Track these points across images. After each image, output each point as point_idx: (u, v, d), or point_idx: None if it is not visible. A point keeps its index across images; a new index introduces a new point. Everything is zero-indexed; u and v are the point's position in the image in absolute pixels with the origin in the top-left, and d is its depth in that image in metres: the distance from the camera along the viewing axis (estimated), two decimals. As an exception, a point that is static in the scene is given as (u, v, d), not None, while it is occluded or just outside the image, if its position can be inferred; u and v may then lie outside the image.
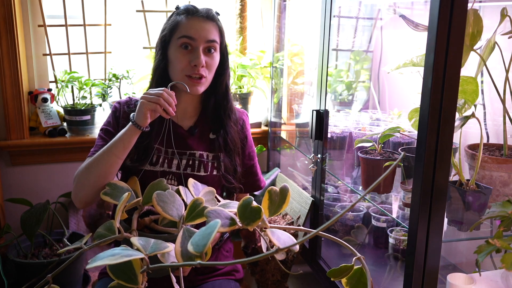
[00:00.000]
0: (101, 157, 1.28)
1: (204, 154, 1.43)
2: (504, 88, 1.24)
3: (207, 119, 1.47)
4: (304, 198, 1.77)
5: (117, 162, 1.29)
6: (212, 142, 1.45)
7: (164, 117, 1.27)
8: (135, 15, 2.28)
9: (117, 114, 1.43)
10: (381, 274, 1.69)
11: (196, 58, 1.33)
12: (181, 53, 1.34)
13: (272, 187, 0.89)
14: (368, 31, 2.25)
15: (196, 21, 1.35)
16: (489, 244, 1.00)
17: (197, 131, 1.45)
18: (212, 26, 1.37)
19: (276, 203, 0.89)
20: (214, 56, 1.38)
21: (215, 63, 1.39)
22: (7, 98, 2.04)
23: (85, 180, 1.29)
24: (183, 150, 1.42)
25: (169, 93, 1.26)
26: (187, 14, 1.36)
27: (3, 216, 2.07)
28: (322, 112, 1.64)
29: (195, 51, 1.34)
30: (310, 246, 1.79)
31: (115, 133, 1.38)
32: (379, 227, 1.77)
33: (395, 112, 1.91)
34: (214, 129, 1.46)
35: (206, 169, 1.42)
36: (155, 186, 1.20)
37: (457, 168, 1.27)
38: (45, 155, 2.14)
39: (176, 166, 1.40)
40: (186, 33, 1.34)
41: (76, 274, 1.99)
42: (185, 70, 1.35)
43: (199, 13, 1.36)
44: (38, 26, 2.14)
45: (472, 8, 1.19)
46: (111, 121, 1.44)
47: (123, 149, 1.28)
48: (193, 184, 1.28)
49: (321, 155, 1.68)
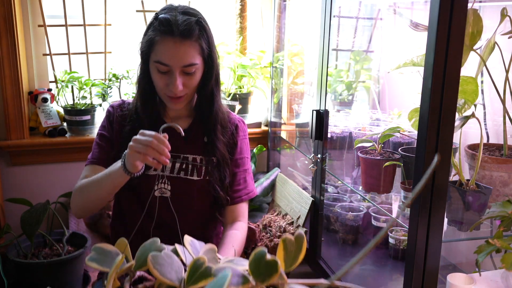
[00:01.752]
0: (92, 187, 1.28)
1: (197, 158, 1.39)
2: (504, 88, 1.24)
3: (202, 122, 1.42)
4: (304, 198, 1.77)
5: (107, 197, 1.29)
6: (206, 146, 1.41)
7: (156, 167, 1.17)
8: (135, 15, 2.28)
9: (110, 118, 1.41)
10: (381, 274, 1.69)
11: (171, 83, 1.27)
12: (158, 76, 1.29)
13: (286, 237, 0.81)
14: (368, 31, 2.25)
15: (171, 44, 1.25)
16: (489, 244, 1.00)
17: (190, 135, 1.40)
18: (188, 47, 1.26)
19: (292, 254, 0.80)
20: (193, 76, 1.30)
21: (195, 81, 1.32)
22: (7, 98, 2.04)
23: (79, 200, 1.32)
24: (177, 153, 1.38)
25: (160, 140, 1.14)
26: (162, 34, 1.26)
27: (3, 216, 2.07)
28: (322, 112, 1.64)
29: (171, 76, 1.27)
30: (310, 246, 1.79)
31: (110, 138, 1.38)
32: (379, 227, 1.77)
33: (395, 112, 1.91)
34: (207, 133, 1.41)
35: (199, 173, 1.38)
36: (148, 248, 1.09)
37: (457, 168, 1.27)
38: (45, 155, 2.14)
39: (170, 169, 1.37)
40: (161, 59, 1.26)
41: (76, 274, 1.99)
42: (163, 90, 1.30)
43: (173, 33, 1.24)
44: (38, 26, 2.14)
45: (472, 8, 1.19)
46: (105, 126, 1.42)
47: (113, 188, 1.27)
48: (190, 243, 1.20)
49: (321, 155, 1.68)
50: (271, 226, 1.82)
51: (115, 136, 1.39)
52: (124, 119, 1.40)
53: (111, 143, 1.38)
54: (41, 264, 1.88)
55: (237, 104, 2.32)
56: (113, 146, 1.38)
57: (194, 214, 1.40)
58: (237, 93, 2.32)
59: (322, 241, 1.76)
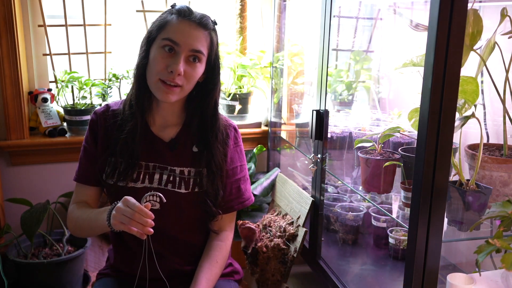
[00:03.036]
0: (84, 225, 1.34)
1: (185, 171, 1.34)
2: (504, 88, 1.24)
3: (191, 130, 1.36)
4: (304, 198, 1.77)
5: (101, 233, 1.38)
6: (195, 156, 1.35)
7: (140, 237, 1.14)
8: (135, 15, 2.28)
9: (93, 127, 1.38)
10: (381, 274, 1.69)
11: (174, 64, 1.22)
12: (161, 55, 1.24)
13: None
14: (368, 31, 2.25)
15: (186, 25, 1.24)
16: (489, 244, 1.00)
17: (177, 145, 1.35)
18: (202, 34, 1.26)
19: None
20: (196, 67, 1.26)
21: (196, 74, 1.27)
22: (7, 98, 2.04)
23: (76, 230, 1.38)
24: (164, 165, 1.34)
25: (143, 212, 1.12)
26: (179, 16, 1.25)
27: (3, 216, 2.07)
28: (322, 112, 1.64)
29: (176, 57, 1.23)
30: (310, 246, 1.79)
31: (92, 151, 1.36)
32: (379, 227, 1.77)
33: (395, 112, 1.91)
34: (198, 143, 1.36)
35: (187, 186, 1.34)
36: None
37: (457, 168, 1.27)
38: (45, 155, 2.14)
39: (158, 181, 1.33)
40: (171, 36, 1.23)
41: (76, 274, 1.99)
42: (160, 74, 1.24)
43: (191, 17, 1.25)
44: (38, 26, 2.14)
45: (472, 8, 1.19)
46: (87, 137, 1.39)
47: (103, 231, 1.31)
48: None
49: (321, 155, 1.68)
50: (271, 226, 1.82)
51: (100, 142, 1.36)
52: (110, 122, 1.36)
53: (93, 157, 1.37)
54: (41, 264, 1.88)
55: (237, 104, 2.32)
56: (96, 159, 1.36)
57: (185, 224, 1.39)
58: (237, 93, 2.33)
59: (322, 241, 1.76)
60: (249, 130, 2.35)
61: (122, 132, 1.33)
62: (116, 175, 1.32)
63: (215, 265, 1.38)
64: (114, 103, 1.41)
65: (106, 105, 1.41)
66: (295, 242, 1.71)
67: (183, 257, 1.40)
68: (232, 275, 1.52)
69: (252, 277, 1.79)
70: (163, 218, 1.32)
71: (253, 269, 1.77)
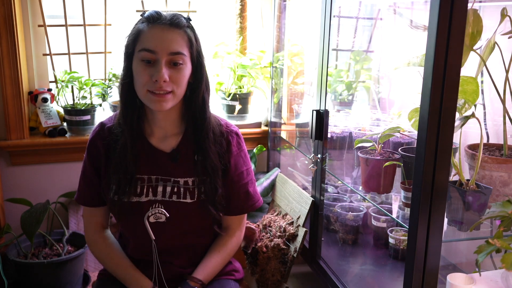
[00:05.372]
0: (112, 270, 1.39)
1: (189, 181, 1.33)
2: (504, 88, 1.24)
3: (191, 139, 1.34)
4: (304, 198, 1.77)
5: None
6: (197, 165, 1.33)
7: None
8: (135, 15, 2.28)
9: (91, 150, 1.36)
10: (381, 274, 1.69)
11: (156, 72, 1.20)
12: (142, 67, 1.22)
13: None
14: (368, 31, 2.25)
15: (158, 30, 1.21)
16: (489, 244, 1.00)
17: (179, 156, 1.33)
18: (177, 35, 1.22)
19: None
20: (181, 69, 1.23)
21: (182, 76, 1.24)
22: (7, 98, 2.04)
23: (101, 263, 1.43)
24: (167, 177, 1.33)
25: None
26: (149, 22, 1.23)
27: (3, 216, 2.07)
28: (322, 112, 1.64)
29: (157, 64, 1.21)
30: (310, 246, 1.79)
31: (92, 178, 1.36)
32: (379, 227, 1.77)
33: (395, 112, 1.91)
34: (198, 149, 1.33)
35: (192, 195, 1.32)
36: None
37: (457, 168, 1.27)
38: (45, 155, 2.14)
39: (161, 194, 1.32)
40: (146, 45, 1.21)
41: (76, 274, 1.99)
42: (147, 85, 1.22)
43: (161, 20, 1.22)
44: (38, 26, 2.14)
45: (472, 8, 1.19)
46: (86, 161, 1.37)
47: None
48: None
49: (321, 155, 1.68)
50: (271, 226, 1.82)
51: (104, 162, 1.34)
52: (108, 140, 1.34)
53: (90, 180, 1.37)
54: (41, 264, 1.88)
55: (237, 104, 2.32)
56: (94, 182, 1.36)
57: (192, 232, 1.38)
58: (237, 93, 2.33)
59: (322, 241, 1.76)
60: (249, 130, 2.35)
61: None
62: (119, 191, 1.31)
63: (223, 250, 1.42)
64: (108, 120, 1.39)
65: (100, 123, 1.38)
66: (295, 242, 1.71)
67: (187, 260, 1.41)
68: (232, 273, 1.52)
69: (252, 277, 1.79)
70: (171, 230, 1.33)
71: (253, 269, 1.77)
